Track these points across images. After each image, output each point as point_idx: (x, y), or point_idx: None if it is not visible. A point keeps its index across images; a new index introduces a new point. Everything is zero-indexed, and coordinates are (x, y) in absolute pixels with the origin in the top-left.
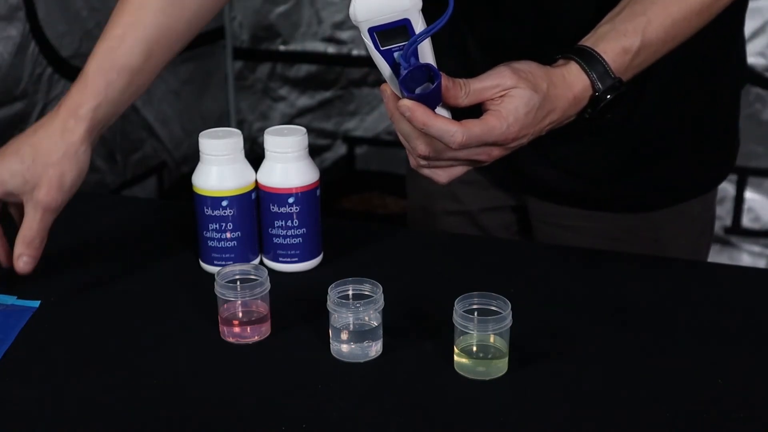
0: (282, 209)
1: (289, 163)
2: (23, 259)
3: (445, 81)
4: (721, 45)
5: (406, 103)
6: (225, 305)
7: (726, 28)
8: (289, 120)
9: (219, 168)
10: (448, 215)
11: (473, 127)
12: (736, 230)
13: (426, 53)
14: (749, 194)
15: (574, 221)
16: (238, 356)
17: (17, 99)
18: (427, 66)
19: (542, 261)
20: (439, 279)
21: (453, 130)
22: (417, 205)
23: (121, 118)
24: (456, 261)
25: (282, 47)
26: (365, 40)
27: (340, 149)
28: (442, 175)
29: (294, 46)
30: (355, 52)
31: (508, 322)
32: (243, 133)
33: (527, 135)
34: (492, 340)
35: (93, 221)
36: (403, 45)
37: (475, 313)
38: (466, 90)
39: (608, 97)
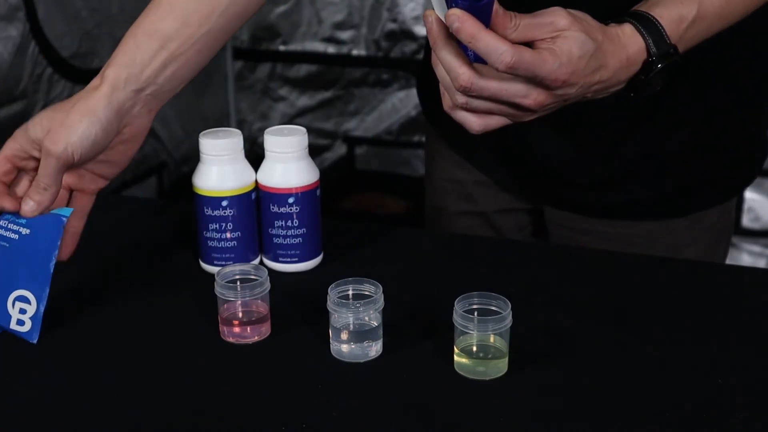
0: (282, 209)
1: (289, 163)
2: (28, 202)
3: (496, 5)
4: (748, 51)
5: (456, 11)
6: (225, 305)
7: (755, 32)
8: (289, 120)
9: (219, 168)
10: (463, 215)
11: (524, 52)
12: (736, 230)
13: None
14: (749, 194)
15: (591, 226)
16: (238, 356)
17: (17, 99)
18: None
19: (543, 261)
20: (439, 279)
21: (503, 48)
22: (433, 204)
23: None
24: (456, 261)
25: (282, 47)
26: None
27: (340, 149)
28: (477, 122)
29: (294, 46)
30: (354, 52)
31: (508, 322)
32: (243, 133)
33: (576, 84)
34: (492, 340)
35: (93, 221)
36: None
37: (475, 313)
38: (516, 22)
39: (660, 65)
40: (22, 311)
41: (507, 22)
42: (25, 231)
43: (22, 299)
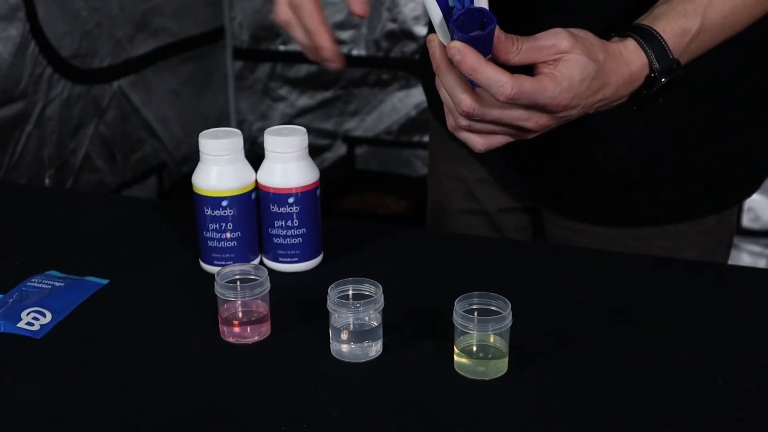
0: (282, 209)
1: (289, 163)
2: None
3: (498, 31)
4: (752, 61)
5: (456, 44)
6: (225, 305)
7: (761, 41)
8: (289, 120)
9: (219, 168)
10: (465, 214)
11: (525, 82)
12: (736, 230)
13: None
14: None
15: (587, 228)
16: (238, 356)
17: (17, 99)
18: (481, 11)
19: (543, 261)
20: (439, 279)
21: (503, 81)
22: (436, 202)
23: (121, 118)
24: (456, 261)
25: (282, 47)
26: None
27: (340, 149)
28: (480, 142)
29: (294, 46)
30: (355, 52)
31: (508, 322)
32: (243, 133)
33: (578, 106)
34: (492, 340)
35: (93, 221)
36: None
37: (475, 313)
38: (518, 46)
39: (663, 80)
40: (35, 319)
41: (509, 47)
42: (60, 284)
43: (39, 312)
